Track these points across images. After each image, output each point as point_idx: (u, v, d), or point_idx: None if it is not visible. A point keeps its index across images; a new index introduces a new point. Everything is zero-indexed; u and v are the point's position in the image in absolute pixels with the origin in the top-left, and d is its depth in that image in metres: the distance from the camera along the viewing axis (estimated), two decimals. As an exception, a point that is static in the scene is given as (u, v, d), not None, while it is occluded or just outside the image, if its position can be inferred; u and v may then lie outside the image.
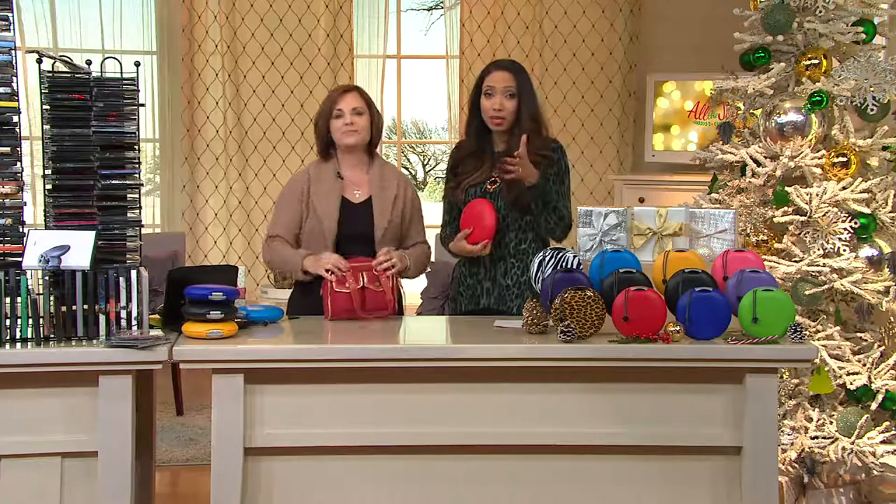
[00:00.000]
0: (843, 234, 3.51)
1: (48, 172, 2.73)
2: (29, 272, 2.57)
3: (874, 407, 3.50)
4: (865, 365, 3.51)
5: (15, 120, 2.70)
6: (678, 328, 2.66)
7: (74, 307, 2.59)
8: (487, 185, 3.37)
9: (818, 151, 3.61)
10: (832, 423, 3.47)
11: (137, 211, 2.79)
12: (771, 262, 3.50)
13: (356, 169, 3.38)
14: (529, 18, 6.72)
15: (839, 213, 3.51)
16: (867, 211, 3.56)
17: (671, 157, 6.53)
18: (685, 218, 3.00)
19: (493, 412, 2.69)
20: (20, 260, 2.61)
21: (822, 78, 3.66)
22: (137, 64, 2.80)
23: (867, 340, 3.58)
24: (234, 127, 6.62)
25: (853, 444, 3.41)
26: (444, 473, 2.69)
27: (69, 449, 2.60)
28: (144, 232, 2.82)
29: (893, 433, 3.49)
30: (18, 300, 2.56)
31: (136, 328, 2.61)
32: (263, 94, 6.66)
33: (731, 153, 3.77)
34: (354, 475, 2.69)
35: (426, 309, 4.47)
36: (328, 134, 3.34)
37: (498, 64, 3.44)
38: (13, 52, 2.71)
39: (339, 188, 3.33)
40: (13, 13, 2.71)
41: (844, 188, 3.54)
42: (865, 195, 3.55)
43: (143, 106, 2.81)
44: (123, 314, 2.61)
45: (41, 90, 2.72)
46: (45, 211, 2.76)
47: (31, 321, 2.57)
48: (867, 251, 3.58)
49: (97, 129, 2.73)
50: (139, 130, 2.78)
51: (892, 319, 3.63)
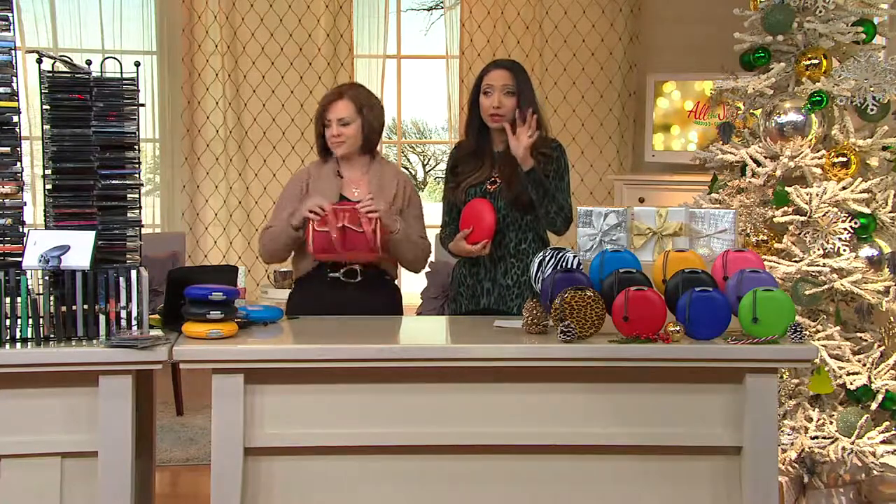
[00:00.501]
0: (843, 234, 3.51)
1: (48, 172, 2.73)
2: (29, 272, 2.57)
3: (874, 407, 3.50)
4: (865, 365, 3.51)
5: (15, 120, 2.70)
6: (678, 328, 2.65)
7: (74, 307, 2.59)
8: (487, 185, 3.37)
9: (818, 151, 3.61)
10: (832, 423, 3.47)
11: (137, 211, 2.79)
12: (771, 262, 3.50)
13: (355, 169, 3.39)
14: (529, 18, 6.72)
15: (839, 213, 3.51)
16: (867, 211, 3.56)
17: (671, 157, 6.53)
18: (685, 218, 3.00)
19: (493, 412, 2.69)
20: (20, 260, 2.61)
21: (822, 78, 3.66)
22: (137, 64, 2.79)
23: (867, 340, 3.58)
24: (234, 127, 6.62)
25: (853, 444, 3.41)
26: (444, 473, 2.69)
27: (69, 449, 2.60)
28: (144, 232, 2.82)
29: (893, 433, 3.49)
30: (18, 300, 2.56)
31: (136, 328, 2.61)
32: (263, 94, 6.66)
33: (731, 153, 3.77)
34: (354, 475, 2.68)
35: (426, 309, 4.46)
36: (324, 137, 3.36)
37: (497, 63, 3.44)
38: (13, 52, 2.70)
39: (338, 186, 3.35)
40: (13, 13, 2.71)
41: (844, 188, 3.54)
42: (865, 195, 3.55)
43: (143, 106, 2.81)
44: (123, 314, 2.61)
45: (41, 90, 2.72)
46: (45, 211, 2.75)
47: (31, 321, 2.57)
48: (867, 251, 3.58)
49: (97, 129, 2.73)
50: (139, 130, 2.78)
51: (892, 319, 3.63)
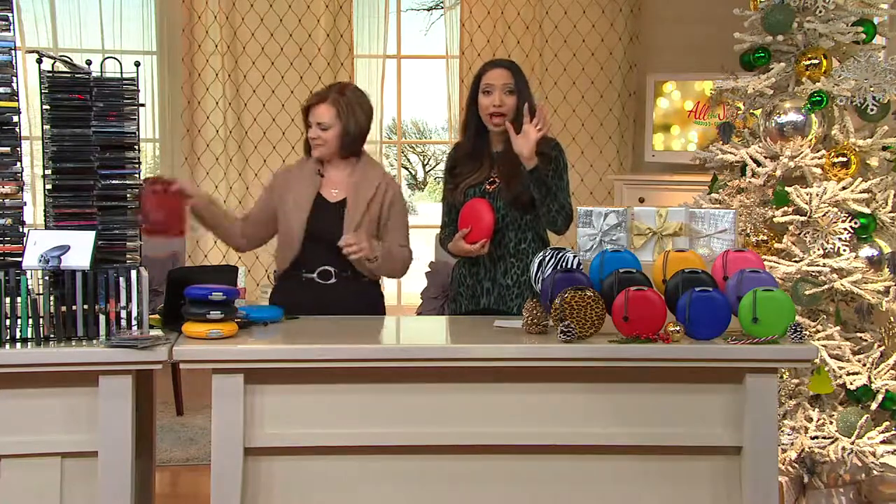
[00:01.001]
0: (843, 234, 3.51)
1: (48, 172, 2.73)
2: (29, 272, 2.57)
3: (874, 407, 3.50)
4: (865, 365, 3.51)
5: (15, 120, 2.70)
6: (678, 328, 2.66)
7: (74, 307, 2.59)
8: (486, 185, 3.37)
9: (818, 151, 3.61)
10: (832, 423, 3.47)
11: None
12: (771, 262, 3.50)
13: (338, 169, 3.38)
14: (529, 18, 6.72)
15: (839, 213, 3.51)
16: (867, 211, 3.56)
17: (671, 157, 6.53)
18: (685, 218, 3.00)
19: (493, 412, 2.69)
20: (20, 260, 2.61)
21: (822, 78, 3.66)
22: (137, 64, 2.79)
23: (867, 340, 3.58)
24: (234, 127, 6.62)
25: (853, 444, 3.41)
26: (444, 473, 2.69)
27: (69, 449, 2.60)
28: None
29: (893, 433, 3.49)
30: (18, 300, 2.56)
31: (136, 328, 2.61)
32: (263, 94, 6.66)
33: (731, 153, 3.77)
34: (354, 475, 2.68)
35: (426, 309, 4.46)
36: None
37: (495, 62, 3.44)
38: (13, 52, 2.70)
39: (316, 185, 3.35)
40: (13, 13, 2.71)
41: (844, 188, 3.54)
42: (865, 195, 3.55)
43: (143, 106, 2.81)
44: (123, 314, 2.61)
45: (41, 90, 2.72)
46: (45, 211, 2.75)
47: (31, 321, 2.57)
48: (867, 251, 3.58)
49: (97, 129, 2.73)
50: (139, 130, 2.78)
51: (892, 319, 3.63)
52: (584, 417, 2.70)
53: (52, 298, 2.57)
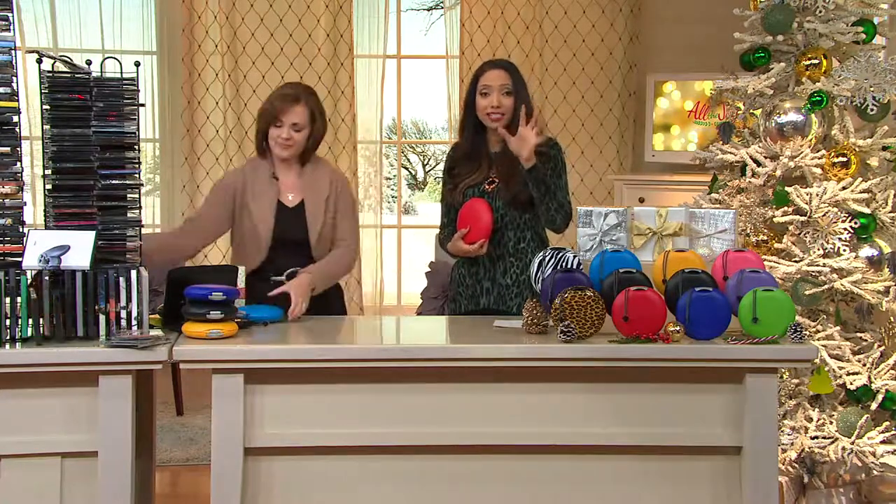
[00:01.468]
0: (843, 234, 3.51)
1: (48, 172, 2.72)
2: (29, 272, 2.57)
3: (874, 407, 3.50)
4: (865, 365, 3.51)
5: (15, 120, 2.70)
6: (678, 328, 2.66)
7: (75, 307, 2.59)
8: (485, 185, 3.37)
9: (818, 151, 3.61)
10: (832, 423, 3.47)
11: (137, 211, 2.78)
12: (771, 262, 3.50)
13: (290, 171, 3.37)
14: (529, 18, 6.72)
15: (839, 213, 3.51)
16: (867, 211, 3.56)
17: (671, 157, 6.53)
18: (685, 218, 3.00)
19: (493, 412, 2.69)
20: (20, 260, 2.61)
21: (822, 78, 3.66)
22: (137, 64, 2.79)
23: (867, 340, 3.58)
24: (234, 127, 6.62)
25: (853, 444, 3.41)
26: (444, 473, 2.69)
27: (69, 449, 2.60)
28: (144, 232, 2.82)
29: (893, 433, 3.49)
30: (18, 300, 2.56)
31: (136, 328, 2.61)
32: (263, 94, 6.57)
33: (731, 153, 3.77)
34: (354, 475, 2.69)
35: (426, 309, 4.47)
36: (267, 134, 3.32)
37: (493, 63, 3.44)
38: (13, 52, 2.70)
39: (274, 191, 3.32)
40: (13, 13, 2.70)
41: (844, 188, 3.54)
42: (865, 195, 3.55)
43: (143, 106, 2.81)
44: (123, 314, 2.61)
45: (41, 90, 2.72)
46: (45, 211, 2.75)
47: (31, 321, 2.57)
48: (867, 251, 3.58)
49: (97, 129, 2.73)
50: (139, 130, 2.77)
51: (892, 319, 3.63)
52: (584, 417, 2.70)
53: (51, 298, 2.57)
